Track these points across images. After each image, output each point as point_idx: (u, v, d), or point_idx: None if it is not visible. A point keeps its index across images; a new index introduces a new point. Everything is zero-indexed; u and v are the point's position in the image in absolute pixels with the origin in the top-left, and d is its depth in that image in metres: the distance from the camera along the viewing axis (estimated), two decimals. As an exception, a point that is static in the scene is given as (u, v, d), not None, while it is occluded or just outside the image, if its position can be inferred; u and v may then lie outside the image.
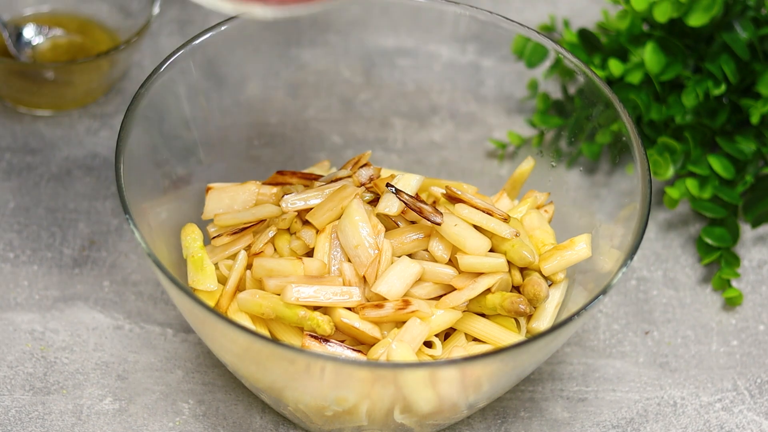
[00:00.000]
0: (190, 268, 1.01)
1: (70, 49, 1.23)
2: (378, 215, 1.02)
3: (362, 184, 1.03)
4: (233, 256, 1.03)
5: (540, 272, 1.02)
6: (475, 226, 1.01)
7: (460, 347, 0.99)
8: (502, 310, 0.99)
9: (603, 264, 1.00)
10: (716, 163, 1.13)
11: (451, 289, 1.00)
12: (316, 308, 0.98)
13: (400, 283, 0.98)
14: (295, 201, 1.03)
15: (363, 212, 1.00)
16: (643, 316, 1.11)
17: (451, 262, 1.01)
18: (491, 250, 1.01)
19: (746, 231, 1.17)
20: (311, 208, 1.02)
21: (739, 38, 1.15)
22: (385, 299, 0.97)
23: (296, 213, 1.03)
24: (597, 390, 1.06)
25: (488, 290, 1.00)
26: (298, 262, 0.99)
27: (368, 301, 0.99)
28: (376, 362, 0.94)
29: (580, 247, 1.01)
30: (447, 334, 1.01)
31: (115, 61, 1.18)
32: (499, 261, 1.00)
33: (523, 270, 1.02)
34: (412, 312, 0.96)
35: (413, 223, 1.02)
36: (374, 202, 1.03)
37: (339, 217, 1.01)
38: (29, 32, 1.23)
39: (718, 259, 1.13)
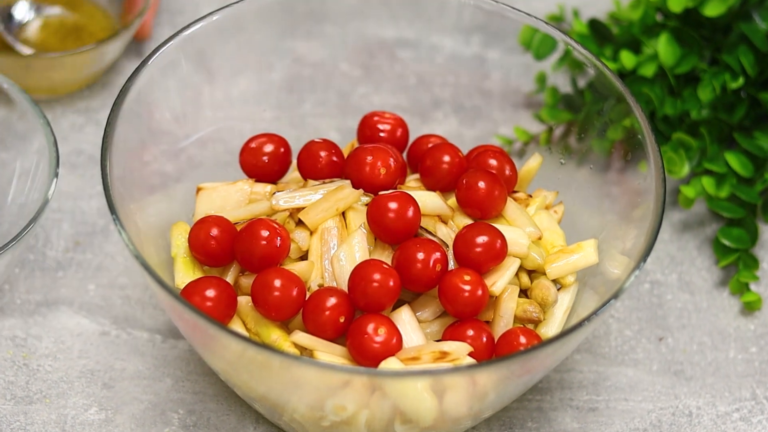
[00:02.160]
0: (178, 268, 1.01)
1: (61, 29, 1.23)
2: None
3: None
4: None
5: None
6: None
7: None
8: (515, 319, 1.00)
9: (614, 267, 1.00)
10: (734, 161, 1.13)
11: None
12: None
13: (414, 332, 0.98)
14: (286, 198, 1.03)
15: (365, 247, 1.01)
16: (656, 321, 1.11)
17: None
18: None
19: (765, 231, 1.16)
20: (303, 207, 1.02)
21: (758, 29, 1.15)
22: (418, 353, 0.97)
23: (288, 212, 1.03)
24: (608, 399, 1.06)
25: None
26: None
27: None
28: (377, 370, 0.94)
29: (587, 252, 1.02)
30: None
31: (96, 56, 1.18)
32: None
33: (531, 273, 1.02)
34: (452, 360, 0.96)
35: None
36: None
37: (333, 217, 1.02)
38: (21, 10, 1.23)
39: (736, 262, 1.13)
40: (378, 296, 0.96)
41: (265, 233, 0.98)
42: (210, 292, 0.97)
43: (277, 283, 0.97)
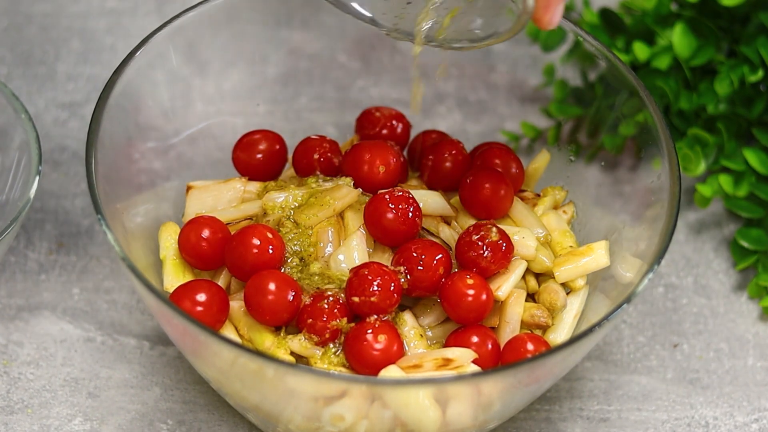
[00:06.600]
0: (167, 271, 1.01)
1: None
2: None
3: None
4: (216, 260, 1.03)
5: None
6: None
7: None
8: (522, 324, 1.00)
9: (627, 270, 1.00)
10: (753, 158, 1.13)
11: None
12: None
13: (416, 339, 0.98)
14: (281, 198, 1.03)
15: (364, 249, 1.01)
16: (671, 327, 1.11)
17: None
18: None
19: (786, 233, 1.17)
20: (299, 207, 1.02)
21: (778, 19, 1.15)
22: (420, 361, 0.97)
23: (283, 212, 1.03)
24: (620, 409, 1.06)
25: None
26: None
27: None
28: (377, 378, 0.94)
29: (597, 254, 1.02)
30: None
31: None
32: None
33: (539, 276, 1.03)
34: (456, 368, 0.96)
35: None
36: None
37: (331, 217, 1.02)
38: None
39: (755, 264, 1.13)
40: (378, 301, 0.97)
41: (256, 242, 0.99)
42: (200, 297, 0.97)
43: (272, 286, 0.97)
